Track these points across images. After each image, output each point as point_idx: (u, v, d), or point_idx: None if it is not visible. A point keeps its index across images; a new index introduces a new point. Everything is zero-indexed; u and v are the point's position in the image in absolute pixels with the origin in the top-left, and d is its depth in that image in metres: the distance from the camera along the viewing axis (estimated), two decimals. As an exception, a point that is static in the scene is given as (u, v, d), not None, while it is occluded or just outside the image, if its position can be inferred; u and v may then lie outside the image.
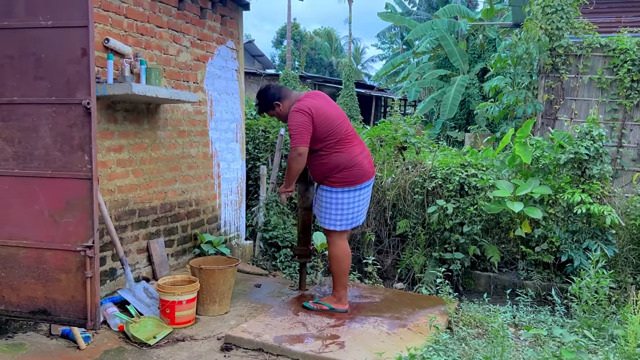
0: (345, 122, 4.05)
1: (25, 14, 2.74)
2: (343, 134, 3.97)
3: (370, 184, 4.12)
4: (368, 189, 4.11)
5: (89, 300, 2.78)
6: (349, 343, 3.41)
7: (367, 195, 4.14)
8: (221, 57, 5.54)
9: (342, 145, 3.96)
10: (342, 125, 3.99)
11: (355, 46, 44.02)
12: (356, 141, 4.08)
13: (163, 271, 4.62)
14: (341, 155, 3.94)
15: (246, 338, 3.41)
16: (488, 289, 5.56)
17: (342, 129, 3.98)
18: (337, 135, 3.93)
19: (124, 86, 3.79)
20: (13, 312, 2.94)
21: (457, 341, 3.74)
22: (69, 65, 2.72)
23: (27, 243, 2.87)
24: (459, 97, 13.95)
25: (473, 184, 5.63)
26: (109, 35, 4.01)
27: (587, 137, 5.34)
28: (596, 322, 4.20)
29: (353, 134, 4.09)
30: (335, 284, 4.09)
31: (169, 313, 3.65)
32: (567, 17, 6.84)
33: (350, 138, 4.02)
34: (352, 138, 4.04)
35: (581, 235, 5.27)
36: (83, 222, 2.77)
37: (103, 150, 4.04)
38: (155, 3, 4.52)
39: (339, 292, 4.07)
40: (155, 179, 4.63)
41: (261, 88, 4.21)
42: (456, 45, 14.89)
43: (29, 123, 2.78)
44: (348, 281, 4.22)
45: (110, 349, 3.31)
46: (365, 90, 21.13)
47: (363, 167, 4.00)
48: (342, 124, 4.00)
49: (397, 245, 6.16)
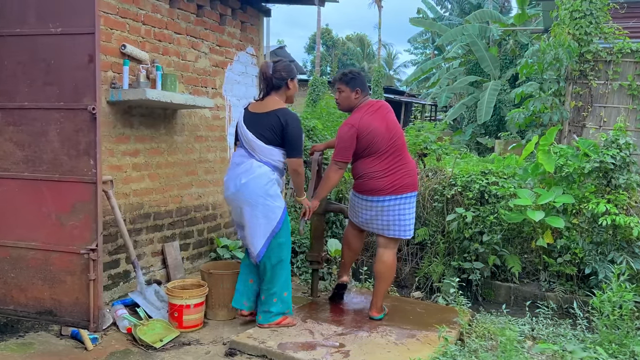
0: (388, 137, 3.94)
1: (36, 22, 2.83)
2: (381, 148, 3.92)
3: (385, 200, 3.98)
4: (383, 203, 3.99)
5: (91, 303, 2.83)
6: (354, 352, 3.37)
7: (382, 209, 4.01)
8: (241, 63, 5.58)
9: (372, 157, 3.93)
10: (384, 141, 3.92)
11: (387, 51, 43.87)
12: (391, 157, 3.99)
13: (178, 274, 4.67)
14: (364, 167, 3.96)
15: (251, 344, 3.41)
16: (508, 300, 5.42)
17: (383, 145, 3.92)
18: (373, 149, 3.90)
19: (138, 91, 3.86)
20: (21, 312, 3.02)
21: (468, 353, 3.65)
22: (77, 72, 2.79)
23: (36, 245, 2.94)
24: (493, 100, 13.73)
25: (494, 192, 5.51)
26: (126, 41, 4.08)
27: (613, 146, 5.16)
28: (617, 338, 4.04)
29: (393, 148, 3.99)
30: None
31: (177, 317, 3.68)
32: (597, 22, 6.64)
33: (388, 153, 3.96)
34: (389, 153, 3.96)
35: (606, 247, 5.09)
36: (87, 225, 2.82)
37: (119, 154, 4.11)
38: (173, 10, 4.59)
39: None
40: (172, 183, 4.69)
41: (358, 70, 4.21)
42: (487, 51, 14.66)
43: (39, 128, 2.86)
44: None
45: (117, 350, 3.35)
46: (394, 96, 20.98)
47: (377, 183, 3.94)
48: (384, 139, 3.92)
49: (415, 253, 6.08)
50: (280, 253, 3.81)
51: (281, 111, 3.78)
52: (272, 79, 3.82)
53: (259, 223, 3.72)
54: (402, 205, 4.04)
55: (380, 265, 4.09)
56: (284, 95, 3.90)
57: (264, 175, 3.71)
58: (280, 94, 3.87)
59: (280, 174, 3.86)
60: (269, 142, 3.74)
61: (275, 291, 3.80)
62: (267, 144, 3.73)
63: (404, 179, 4.00)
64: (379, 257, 4.11)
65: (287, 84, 3.86)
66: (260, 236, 3.73)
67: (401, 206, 4.03)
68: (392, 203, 3.98)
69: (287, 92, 3.90)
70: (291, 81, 3.88)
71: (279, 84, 3.84)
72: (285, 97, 3.92)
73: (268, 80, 3.83)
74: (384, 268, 4.10)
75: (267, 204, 3.71)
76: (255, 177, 3.70)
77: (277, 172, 3.82)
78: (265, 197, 3.70)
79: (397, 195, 3.99)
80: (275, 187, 3.78)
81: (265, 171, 3.72)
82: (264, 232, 3.73)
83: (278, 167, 3.82)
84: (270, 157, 3.75)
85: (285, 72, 3.84)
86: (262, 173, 3.71)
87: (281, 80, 3.83)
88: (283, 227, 3.79)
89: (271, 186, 3.74)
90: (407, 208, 4.07)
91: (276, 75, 3.82)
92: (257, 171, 3.71)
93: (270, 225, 3.73)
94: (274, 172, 3.77)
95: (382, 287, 4.11)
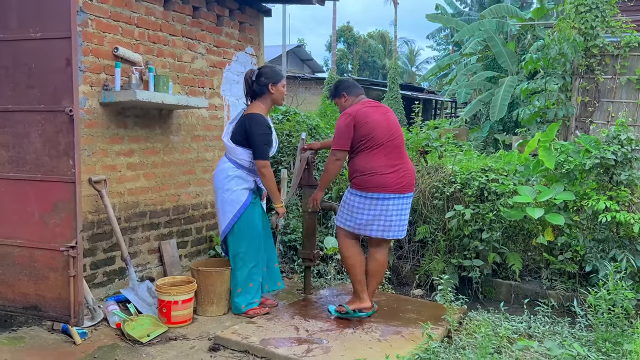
0: (387, 131, 3.94)
1: (17, 27, 2.94)
2: (380, 141, 3.90)
3: (390, 198, 3.93)
4: (388, 201, 3.94)
5: (72, 298, 2.93)
6: (335, 348, 3.41)
7: (386, 208, 3.95)
8: (239, 63, 5.65)
9: (374, 151, 3.91)
10: (383, 134, 3.92)
11: (409, 48, 43.60)
12: (392, 154, 3.98)
13: (174, 271, 4.77)
14: (367, 160, 3.91)
15: (234, 339, 3.47)
16: (509, 297, 5.38)
17: (382, 138, 3.91)
18: (372, 141, 3.89)
19: (129, 93, 3.97)
20: (9, 307, 3.14)
21: (454, 350, 3.65)
22: (56, 75, 2.89)
23: (21, 242, 3.06)
24: (508, 97, 13.54)
25: (493, 189, 5.47)
26: (119, 44, 4.19)
27: (614, 142, 5.07)
28: (613, 336, 3.98)
29: (392, 145, 3.99)
30: (352, 281, 4.12)
31: (165, 312, 3.77)
32: (603, 16, 6.51)
33: (388, 149, 3.94)
34: (389, 149, 3.95)
35: (608, 244, 5.01)
36: (68, 223, 2.92)
37: (113, 154, 4.22)
38: (168, 12, 4.68)
39: (355, 290, 4.07)
40: (168, 182, 4.79)
41: (342, 78, 4.46)
42: (504, 46, 14.47)
43: (22, 129, 2.97)
44: (363, 278, 4.11)
45: (105, 345, 3.45)
46: (411, 93, 20.86)
47: (384, 179, 3.90)
48: (383, 132, 3.92)
49: (417, 251, 6.07)
50: (235, 246, 4.07)
51: (248, 116, 4.06)
52: (253, 84, 4.09)
53: (219, 213, 4.14)
54: (404, 205, 4.04)
55: (373, 264, 4.10)
56: (268, 100, 4.12)
57: (224, 171, 4.07)
58: (265, 99, 4.13)
59: (249, 172, 4.09)
60: (238, 143, 4.04)
61: (237, 282, 4.07)
62: (236, 144, 4.04)
63: (405, 178, 4.01)
64: (372, 256, 4.11)
65: (269, 89, 4.05)
66: (221, 225, 4.11)
67: (403, 206, 4.03)
68: (396, 202, 3.97)
69: (272, 97, 4.11)
70: (273, 85, 4.06)
71: (260, 90, 4.09)
72: (271, 101, 4.11)
73: (249, 87, 4.13)
74: (377, 266, 4.13)
75: (224, 197, 4.04)
76: (218, 171, 4.14)
77: (242, 170, 4.07)
78: (223, 190, 4.04)
79: (401, 195, 3.97)
80: (234, 182, 4.02)
81: (227, 167, 4.07)
82: (222, 223, 4.09)
83: (243, 165, 4.06)
84: (234, 155, 4.06)
85: (265, 77, 4.05)
86: (223, 168, 4.09)
87: (262, 87, 4.08)
88: (239, 222, 4.02)
89: (229, 181, 4.02)
90: (406, 208, 4.08)
91: (258, 82, 4.08)
92: (220, 166, 4.13)
93: (226, 218, 4.04)
94: (237, 169, 4.05)
95: (373, 284, 4.13)
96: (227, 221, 4.03)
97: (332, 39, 26.21)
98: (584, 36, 6.60)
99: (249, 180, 4.04)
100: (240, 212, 3.98)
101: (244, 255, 4.05)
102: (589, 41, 6.67)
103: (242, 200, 4.01)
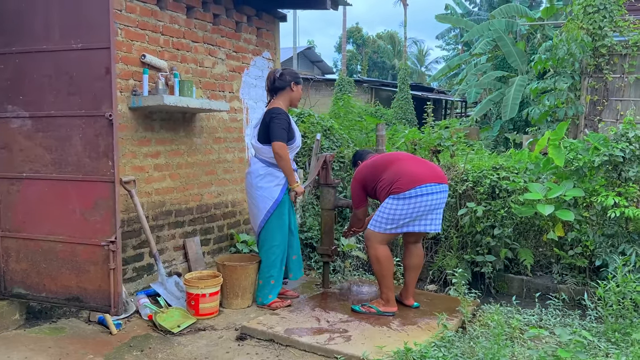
0: (394, 157, 4.29)
1: (59, 39, 3.17)
2: (390, 162, 4.20)
3: (427, 188, 4.05)
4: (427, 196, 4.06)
5: (112, 289, 3.16)
6: (355, 337, 3.60)
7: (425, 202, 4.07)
8: (257, 67, 5.86)
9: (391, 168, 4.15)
10: (390, 160, 4.21)
11: (418, 48, 43.63)
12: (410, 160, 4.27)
13: (198, 267, 4.98)
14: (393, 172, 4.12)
15: (259, 329, 3.68)
16: (521, 292, 5.54)
17: (388, 160, 4.22)
18: (384, 170, 4.15)
19: (156, 98, 4.18)
20: (52, 299, 3.38)
21: (468, 340, 3.83)
22: (95, 82, 3.11)
23: (63, 238, 3.30)
24: (519, 96, 13.65)
25: (504, 186, 5.64)
26: (146, 51, 4.41)
27: (622, 139, 5.22)
28: (622, 327, 4.14)
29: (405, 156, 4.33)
30: (379, 285, 4.26)
31: (193, 305, 3.98)
32: (610, 16, 6.65)
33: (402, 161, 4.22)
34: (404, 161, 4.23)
35: (617, 239, 5.15)
36: (107, 220, 3.15)
37: (141, 156, 4.44)
38: (190, 20, 4.90)
39: (384, 293, 4.20)
40: (192, 182, 5.01)
41: (356, 150, 5.01)
42: (514, 46, 14.58)
43: (64, 133, 3.20)
44: (392, 284, 4.30)
45: (139, 335, 3.68)
46: (422, 93, 20.99)
47: (415, 175, 4.05)
48: (390, 159, 4.23)
49: (430, 247, 6.24)
50: (269, 240, 4.30)
51: (267, 111, 4.29)
52: (275, 80, 4.30)
53: (253, 210, 4.37)
54: (441, 199, 4.20)
55: (415, 259, 4.44)
56: (287, 97, 4.31)
57: (256, 170, 4.32)
58: (284, 96, 4.30)
59: (278, 168, 4.29)
60: (263, 141, 4.25)
61: (269, 275, 4.31)
62: (262, 144, 4.25)
63: (433, 170, 4.23)
64: (411, 252, 4.43)
65: (291, 86, 4.25)
66: (255, 222, 4.35)
67: (440, 200, 4.18)
68: (434, 195, 4.09)
69: (291, 95, 4.30)
70: (295, 85, 4.28)
71: (282, 85, 4.30)
72: (290, 100, 4.31)
73: (272, 83, 4.33)
74: (419, 260, 4.48)
75: (257, 194, 4.28)
76: (249, 171, 4.39)
77: (272, 167, 4.28)
78: (257, 188, 4.28)
79: (436, 184, 4.10)
80: (266, 180, 4.25)
81: (258, 167, 4.31)
82: (257, 219, 4.32)
83: (272, 163, 4.28)
84: (263, 154, 4.29)
85: (289, 75, 4.28)
86: (254, 168, 4.34)
87: (285, 82, 4.27)
88: (272, 217, 4.25)
89: (261, 179, 4.25)
90: (442, 202, 4.26)
91: (281, 78, 4.31)
92: (252, 166, 4.39)
93: (260, 214, 4.27)
94: (267, 167, 4.28)
95: (414, 278, 4.52)
96: (262, 217, 4.26)
97: (342, 41, 26.42)
98: (592, 36, 6.75)
99: (279, 176, 4.26)
100: (273, 208, 4.22)
101: (277, 249, 4.29)
102: (597, 41, 6.81)
103: (275, 196, 4.24)
